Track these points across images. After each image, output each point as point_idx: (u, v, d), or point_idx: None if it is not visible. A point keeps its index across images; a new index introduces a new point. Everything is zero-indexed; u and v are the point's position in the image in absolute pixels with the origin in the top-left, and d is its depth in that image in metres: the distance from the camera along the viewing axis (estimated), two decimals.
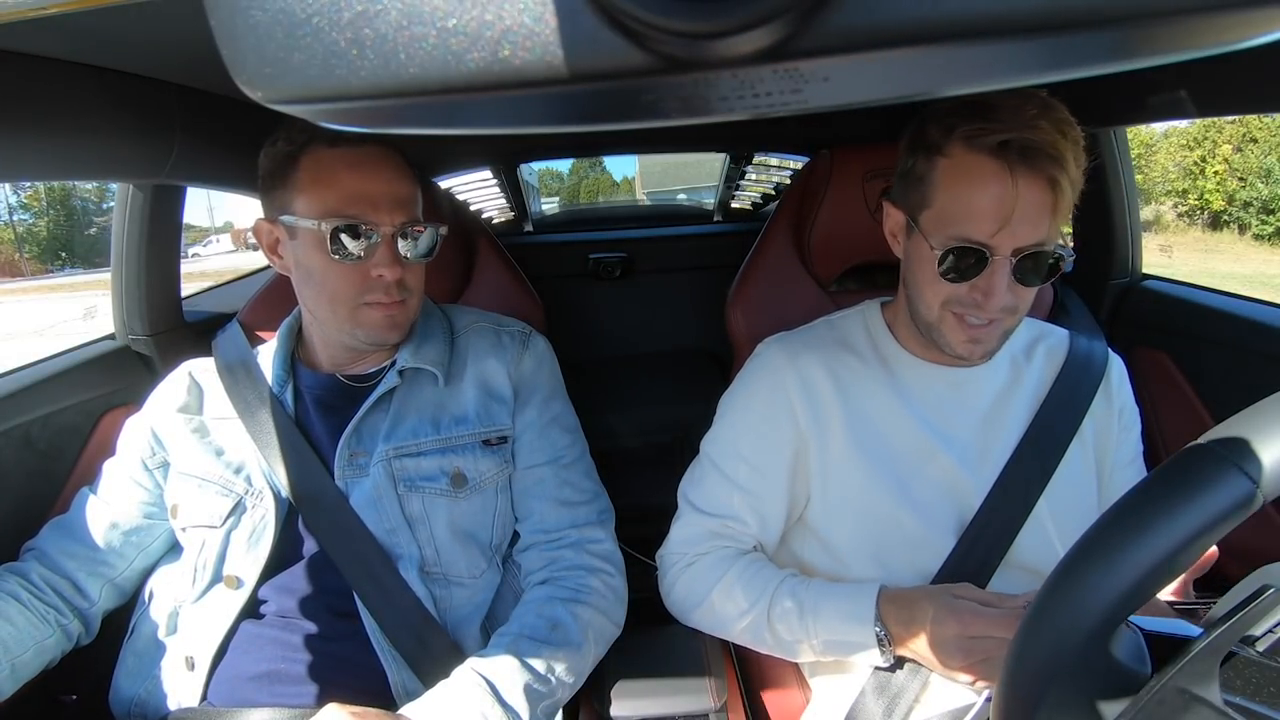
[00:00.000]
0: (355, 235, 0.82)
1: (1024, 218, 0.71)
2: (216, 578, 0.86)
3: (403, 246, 0.86)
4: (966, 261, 0.75)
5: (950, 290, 0.77)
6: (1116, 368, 0.93)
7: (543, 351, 1.01)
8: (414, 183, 0.89)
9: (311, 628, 0.84)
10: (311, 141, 0.83)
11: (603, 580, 0.90)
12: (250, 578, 0.84)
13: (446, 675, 0.78)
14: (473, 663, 0.78)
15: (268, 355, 0.96)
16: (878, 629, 0.76)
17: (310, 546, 0.86)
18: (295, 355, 0.96)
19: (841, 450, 0.86)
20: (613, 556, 0.94)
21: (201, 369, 0.97)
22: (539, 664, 0.79)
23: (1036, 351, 0.92)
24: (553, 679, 0.79)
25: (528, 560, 0.93)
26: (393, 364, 0.92)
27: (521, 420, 0.95)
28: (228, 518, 0.86)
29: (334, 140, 0.83)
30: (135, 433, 0.93)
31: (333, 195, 0.82)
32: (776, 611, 0.81)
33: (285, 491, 0.86)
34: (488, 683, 0.75)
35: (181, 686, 0.83)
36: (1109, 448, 0.89)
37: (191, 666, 0.83)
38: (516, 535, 0.96)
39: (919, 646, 0.74)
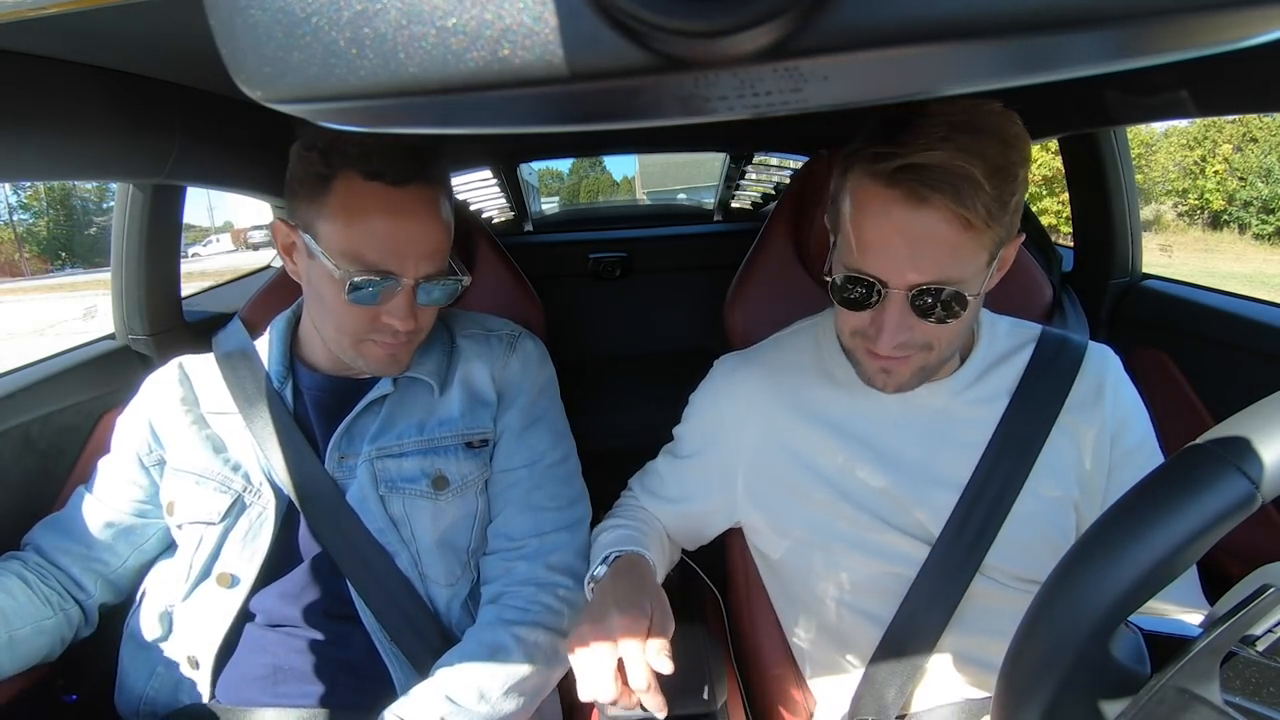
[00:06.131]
0: (375, 285, 0.79)
1: (919, 252, 0.65)
2: (206, 573, 0.85)
3: (421, 293, 0.82)
4: (857, 292, 0.69)
5: (855, 320, 0.72)
6: (1100, 361, 0.81)
7: (530, 353, 0.99)
8: (449, 229, 0.85)
9: (312, 631, 0.84)
10: (348, 167, 0.77)
11: (555, 595, 0.86)
12: (247, 575, 0.84)
13: None
14: (399, 706, 0.75)
15: (263, 350, 0.95)
16: (590, 587, 0.79)
17: (308, 545, 0.86)
18: (293, 353, 0.96)
19: (779, 477, 0.85)
20: (573, 568, 0.89)
21: (194, 364, 0.96)
22: (469, 692, 0.76)
23: (1012, 361, 0.82)
24: (488, 706, 0.76)
25: (487, 566, 0.90)
26: None
27: (501, 422, 0.93)
28: (226, 515, 0.85)
29: (372, 172, 0.76)
30: (132, 429, 0.93)
31: (359, 237, 0.77)
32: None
33: (285, 488, 0.86)
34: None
35: (189, 683, 0.84)
36: (1100, 454, 0.78)
37: (195, 665, 0.83)
38: None
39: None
